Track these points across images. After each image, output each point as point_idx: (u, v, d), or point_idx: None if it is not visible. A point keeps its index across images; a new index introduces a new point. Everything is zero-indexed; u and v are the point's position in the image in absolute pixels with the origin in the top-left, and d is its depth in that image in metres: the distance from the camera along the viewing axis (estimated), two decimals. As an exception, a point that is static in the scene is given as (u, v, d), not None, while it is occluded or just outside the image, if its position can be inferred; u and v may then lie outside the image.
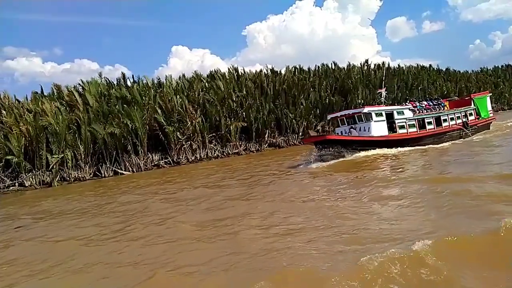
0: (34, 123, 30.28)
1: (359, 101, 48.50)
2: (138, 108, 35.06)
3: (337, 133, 26.04)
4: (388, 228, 8.79)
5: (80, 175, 31.90)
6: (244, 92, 42.08)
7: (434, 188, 12.14)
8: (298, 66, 51.71)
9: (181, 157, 36.55)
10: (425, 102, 29.21)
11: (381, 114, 24.29)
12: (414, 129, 25.33)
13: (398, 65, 62.31)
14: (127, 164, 34.30)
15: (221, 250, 8.75)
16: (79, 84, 38.33)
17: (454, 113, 28.21)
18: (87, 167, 32.59)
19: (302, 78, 47.56)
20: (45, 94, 38.08)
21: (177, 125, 36.33)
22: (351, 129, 24.58)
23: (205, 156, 37.65)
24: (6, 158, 29.14)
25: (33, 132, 30.00)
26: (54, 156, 30.25)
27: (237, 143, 39.36)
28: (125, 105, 35.13)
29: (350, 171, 18.82)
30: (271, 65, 49.75)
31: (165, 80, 42.97)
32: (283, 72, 49.52)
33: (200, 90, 40.35)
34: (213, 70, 46.92)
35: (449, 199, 10.39)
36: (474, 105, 30.76)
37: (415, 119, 25.58)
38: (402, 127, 24.80)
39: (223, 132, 38.72)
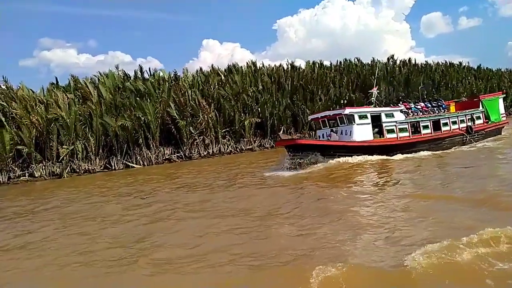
0: (44, 114, 30.25)
1: (381, 98, 46.62)
2: (151, 101, 34.68)
3: (318, 136, 23.84)
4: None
5: (90, 167, 31.75)
6: (260, 87, 41.04)
7: (404, 210, 10.26)
8: (318, 61, 50.23)
9: (193, 151, 35.96)
10: (422, 104, 25.79)
11: (365, 117, 21.49)
12: (406, 134, 22.55)
13: (426, 61, 59.70)
14: (138, 157, 33.97)
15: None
16: (94, 75, 38.41)
17: (457, 116, 25.18)
18: (98, 159, 32.41)
19: (321, 74, 46.10)
20: (63, 85, 38.21)
21: (190, 119, 35.76)
22: (332, 132, 22.06)
23: (217, 151, 36.94)
24: (17, 148, 29.22)
25: (43, 123, 29.95)
26: (63, 147, 30.14)
27: (251, 139, 38.45)
28: (138, 98, 34.80)
29: (318, 182, 16.07)
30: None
31: (182, 73, 42.60)
32: (303, 66, 48.30)
33: (216, 84, 39.60)
34: (231, 63, 46.18)
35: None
36: (483, 107, 27.51)
37: (407, 122, 22.76)
38: (391, 131, 22.04)
39: (237, 127, 37.93)
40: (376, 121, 21.90)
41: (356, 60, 52.45)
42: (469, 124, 25.39)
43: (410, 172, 17.13)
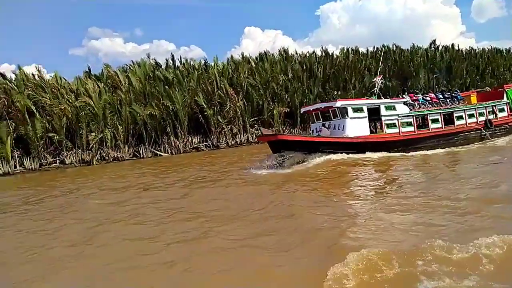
0: (75, 103, 30.78)
1: (420, 86, 44.34)
2: (180, 90, 34.57)
3: (312, 130, 21.83)
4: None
5: (118, 155, 32.17)
6: (290, 75, 39.97)
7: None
8: (353, 47, 48.33)
9: (221, 141, 35.67)
10: (432, 94, 22.63)
11: (360, 110, 19.22)
12: (410, 129, 20.18)
13: (470, 47, 56.09)
14: (166, 146, 34.07)
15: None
16: (126, 64, 38.78)
17: (476, 108, 22.22)
18: (126, 147, 32.76)
19: (356, 61, 44.34)
20: (97, 74, 38.79)
21: (218, 108, 35.42)
22: (323, 127, 20.02)
23: (245, 140, 36.44)
24: (49, 136, 29.95)
25: (73, 112, 30.50)
26: (92, 134, 30.61)
27: (280, 128, 37.60)
28: (166, 87, 34.78)
29: (297, 184, 13.76)
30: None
31: (213, 62, 42.28)
32: (337, 53, 46.69)
33: (245, 72, 38.92)
34: (263, 51, 45.28)
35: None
36: (508, 98, 23.98)
37: (412, 115, 20.34)
38: (391, 125, 19.73)
39: (265, 116, 37.24)
40: (374, 114, 19.71)
41: (394, 46, 50.00)
42: (489, 117, 22.40)
43: (398, 173, 14.79)
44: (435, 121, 20.90)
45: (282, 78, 39.46)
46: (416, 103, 21.28)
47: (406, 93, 22.44)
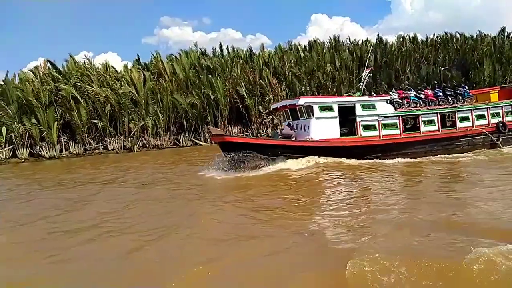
0: (119, 90, 31.59)
1: (484, 78, 40.48)
2: (221, 79, 34.33)
3: (282, 129, 18.85)
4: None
5: (159, 143, 32.67)
6: (338, 64, 38.19)
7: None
8: (411, 35, 45.19)
9: (261, 131, 35.02)
10: (429, 91, 18.66)
11: (329, 108, 16.34)
12: (394, 131, 16.97)
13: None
14: (206, 135, 34.04)
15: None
16: (172, 54, 39.25)
17: (487, 108, 18.36)
18: (167, 135, 33.18)
19: (411, 49, 41.40)
20: (146, 62, 39.68)
21: (260, 98, 34.74)
22: (287, 126, 17.47)
23: (287, 132, 35.40)
24: (93, 122, 31.05)
25: (116, 99, 31.32)
26: (132, 122, 31.31)
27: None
28: (209, 75, 34.68)
29: (237, 196, 10.67)
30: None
31: (260, 50, 41.67)
32: (392, 41, 43.97)
33: (291, 62, 37.81)
34: (312, 39, 43.78)
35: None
36: None
37: (397, 116, 17.01)
38: (369, 127, 16.71)
39: (309, 107, 35.88)
40: (349, 114, 16.82)
41: (457, 33, 46.00)
42: (508, 118, 18.54)
43: (352, 185, 11.68)
44: (429, 123, 17.53)
45: (329, 67, 37.90)
46: (405, 101, 17.87)
47: (394, 89, 18.92)
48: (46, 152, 29.46)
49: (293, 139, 16.25)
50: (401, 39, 44.02)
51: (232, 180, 13.31)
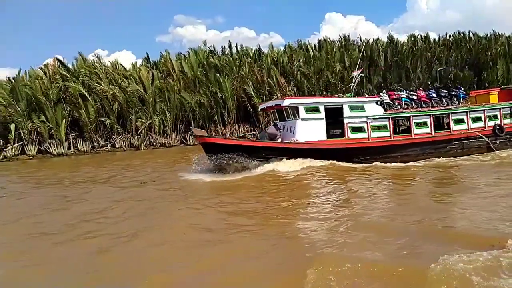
0: (126, 88, 31.73)
1: (498, 78, 39.73)
2: (229, 78, 34.26)
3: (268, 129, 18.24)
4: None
5: (166, 141, 32.73)
6: (348, 64, 37.78)
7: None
8: (423, 34, 44.53)
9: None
10: (422, 92, 18.23)
11: (315, 110, 15.89)
12: (384, 134, 16.50)
13: None
14: (214, 134, 33.97)
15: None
16: (181, 53, 39.27)
17: (484, 110, 17.78)
18: (174, 134, 33.23)
19: (423, 49, 40.79)
20: (155, 60, 39.78)
21: (267, 97, 34.52)
22: (273, 126, 17.09)
23: (294, 131, 35.19)
24: (101, 120, 31.23)
25: (124, 97, 31.46)
26: (140, 120, 31.42)
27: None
28: (217, 74, 34.62)
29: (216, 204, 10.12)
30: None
31: (268, 49, 41.56)
32: (402, 40, 43.41)
33: (300, 61, 37.54)
34: (322, 38, 43.47)
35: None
36: None
37: (387, 118, 16.50)
38: (357, 129, 16.19)
39: (317, 107, 35.61)
40: (336, 116, 16.29)
41: (470, 33, 45.15)
42: (507, 121, 17.89)
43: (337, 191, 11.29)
44: (421, 125, 16.94)
45: (338, 66, 37.56)
46: (396, 103, 17.50)
47: (384, 90, 18.43)
48: (54, 149, 29.73)
49: (279, 140, 15.88)
50: (412, 38, 43.41)
51: (218, 182, 13.16)
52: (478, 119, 17.75)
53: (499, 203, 8.20)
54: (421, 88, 18.87)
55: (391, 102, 17.28)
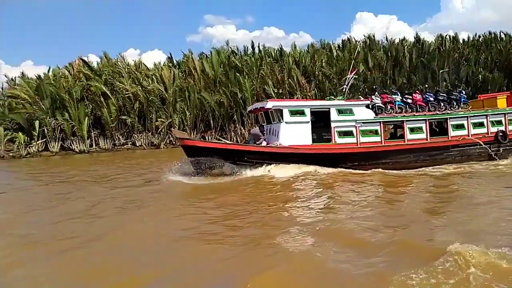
0: (148, 87, 32.08)
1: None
2: (249, 78, 34.14)
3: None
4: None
5: (185, 141, 32.85)
6: (371, 64, 37.04)
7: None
8: (452, 34, 43.19)
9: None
10: (418, 96, 16.95)
11: (300, 113, 15.16)
12: (375, 139, 15.52)
13: None
14: (233, 133, 33.97)
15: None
16: (203, 52, 39.42)
17: (487, 115, 16.42)
18: (194, 133, 33.34)
19: (450, 49, 39.54)
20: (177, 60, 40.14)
21: (287, 97, 34.22)
22: (257, 128, 16.63)
23: (314, 132, 34.78)
24: (122, 118, 31.68)
25: (144, 96, 31.82)
26: (160, 120, 31.70)
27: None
28: (237, 74, 34.56)
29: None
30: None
31: (291, 48, 41.20)
32: (431, 40, 42.23)
33: (322, 61, 37.06)
34: (346, 38, 42.82)
35: None
36: None
37: (378, 122, 15.50)
38: (346, 134, 15.27)
39: (338, 107, 35.07)
40: (324, 119, 15.51)
41: (501, 33, 43.46)
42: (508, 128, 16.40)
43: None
44: (415, 130, 15.83)
45: (362, 67, 36.86)
46: (389, 106, 16.32)
47: (376, 93, 17.02)
48: (77, 147, 30.39)
49: (264, 143, 15.29)
50: (440, 39, 42.15)
51: (198, 186, 12.70)
52: (480, 124, 16.43)
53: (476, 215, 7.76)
54: (417, 91, 17.86)
55: (383, 106, 16.12)
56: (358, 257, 5.75)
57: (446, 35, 43.25)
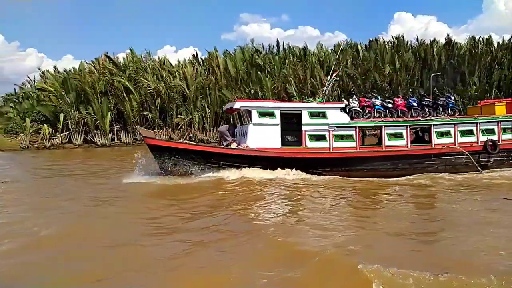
0: (170, 83, 32.45)
1: None
2: (271, 77, 33.95)
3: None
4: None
5: (204, 137, 33.07)
6: (398, 65, 36.04)
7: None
8: (486, 36, 41.41)
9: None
10: (401, 100, 16.08)
11: (270, 114, 14.41)
12: (349, 144, 14.60)
13: None
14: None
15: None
16: (227, 50, 39.52)
17: (477, 122, 15.25)
18: (213, 130, 33.48)
19: (482, 52, 37.91)
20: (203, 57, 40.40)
21: (309, 97, 33.78)
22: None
23: (335, 133, 34.23)
24: (143, 113, 32.17)
25: (166, 92, 32.20)
26: (179, 116, 31.99)
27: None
28: (259, 72, 34.44)
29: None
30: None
31: (316, 47, 40.73)
32: (462, 42, 40.68)
33: (347, 61, 36.41)
34: (373, 39, 41.86)
35: None
36: None
37: (354, 127, 14.56)
38: (317, 138, 14.51)
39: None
40: (295, 122, 14.68)
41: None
42: (506, 136, 15.30)
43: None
44: (395, 136, 14.76)
45: (388, 68, 35.97)
46: (367, 110, 15.49)
47: (354, 96, 16.39)
48: (99, 140, 31.09)
49: (234, 144, 14.61)
50: (472, 41, 40.52)
51: (163, 186, 12.30)
52: (469, 132, 15.27)
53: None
54: (400, 96, 16.87)
55: (360, 110, 15.38)
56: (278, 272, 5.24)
57: (480, 38, 41.62)
